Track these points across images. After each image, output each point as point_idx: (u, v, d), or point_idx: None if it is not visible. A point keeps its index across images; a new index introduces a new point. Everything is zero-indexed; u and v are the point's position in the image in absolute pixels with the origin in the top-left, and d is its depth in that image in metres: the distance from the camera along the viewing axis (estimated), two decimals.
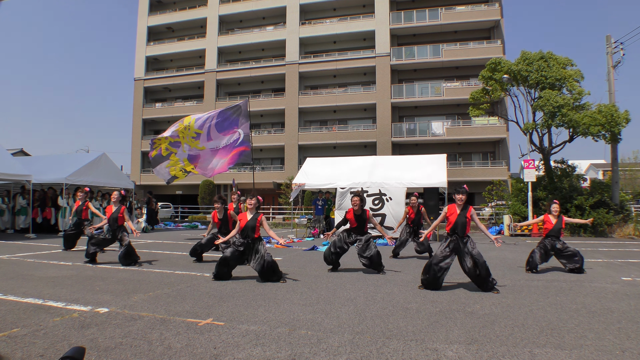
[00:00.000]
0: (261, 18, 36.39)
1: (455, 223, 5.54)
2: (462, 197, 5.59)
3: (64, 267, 7.22)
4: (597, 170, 43.80)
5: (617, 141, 15.86)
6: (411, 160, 15.11)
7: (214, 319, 3.98)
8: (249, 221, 6.14)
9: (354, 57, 32.78)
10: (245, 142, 11.22)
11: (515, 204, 17.37)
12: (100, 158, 16.54)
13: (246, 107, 11.29)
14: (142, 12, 38.30)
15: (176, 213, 29.90)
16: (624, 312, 4.38)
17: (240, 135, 11.24)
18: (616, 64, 16.89)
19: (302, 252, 10.13)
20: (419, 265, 7.79)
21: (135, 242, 11.98)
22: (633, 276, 6.64)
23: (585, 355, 3.13)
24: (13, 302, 4.64)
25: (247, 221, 6.13)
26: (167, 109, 36.96)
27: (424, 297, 5.04)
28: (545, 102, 15.56)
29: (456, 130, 30.05)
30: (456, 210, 5.60)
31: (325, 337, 3.49)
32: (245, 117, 11.25)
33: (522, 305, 4.64)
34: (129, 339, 3.38)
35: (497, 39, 30.55)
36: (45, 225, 15.49)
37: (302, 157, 29.95)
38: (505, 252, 10.15)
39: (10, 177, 13.63)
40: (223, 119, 11.17)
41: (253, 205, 6.21)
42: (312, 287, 5.65)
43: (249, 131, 11.36)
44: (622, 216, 15.84)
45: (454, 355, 3.09)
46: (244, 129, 11.25)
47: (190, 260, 8.18)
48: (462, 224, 5.53)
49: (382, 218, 13.54)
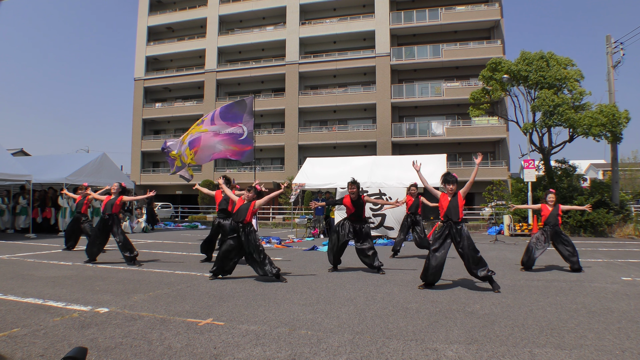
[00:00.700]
0: (261, 18, 36.38)
1: (448, 208, 5.68)
2: (452, 187, 5.76)
3: (64, 267, 7.22)
4: (597, 170, 43.81)
5: (619, 141, 15.87)
6: (411, 160, 15.09)
7: (214, 319, 3.99)
8: (243, 204, 6.30)
9: (354, 57, 32.77)
10: (249, 140, 11.16)
11: (515, 204, 17.37)
12: (100, 158, 16.56)
13: (252, 104, 11.22)
14: (142, 12, 38.29)
15: (176, 213, 29.91)
16: (624, 312, 4.38)
17: (244, 132, 11.16)
18: (616, 64, 16.89)
19: (302, 252, 10.13)
20: (419, 265, 7.79)
21: (136, 242, 11.97)
22: (633, 276, 6.64)
23: (585, 355, 3.13)
24: (13, 302, 4.64)
25: (242, 204, 6.31)
26: (167, 109, 36.96)
27: (424, 297, 5.04)
28: (542, 102, 15.58)
29: (456, 130, 30.05)
30: (447, 199, 5.77)
31: (325, 337, 3.49)
32: (250, 114, 11.14)
33: (522, 305, 4.64)
34: (129, 339, 3.38)
35: (497, 39, 30.55)
36: (45, 225, 15.50)
37: (302, 157, 29.95)
38: (505, 252, 10.15)
39: (10, 177, 13.63)
40: (227, 110, 11.18)
41: (249, 198, 6.31)
42: (312, 287, 5.65)
43: (253, 129, 11.29)
44: (622, 216, 15.85)
45: (454, 355, 3.09)
46: (248, 126, 11.17)
47: (191, 260, 8.18)
48: (455, 208, 5.67)
49: (382, 218, 13.55)
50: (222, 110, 11.16)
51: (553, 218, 7.26)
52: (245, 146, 11.18)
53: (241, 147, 11.18)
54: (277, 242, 11.99)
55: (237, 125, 11.08)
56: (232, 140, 11.14)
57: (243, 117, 11.14)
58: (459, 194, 5.75)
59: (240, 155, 11.25)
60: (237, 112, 11.16)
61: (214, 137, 11.06)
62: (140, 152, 36.77)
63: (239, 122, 11.11)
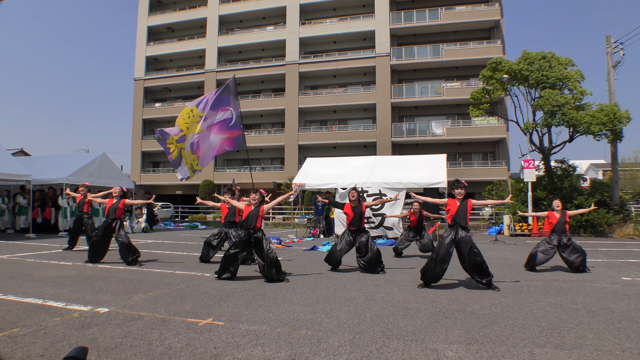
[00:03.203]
0: (261, 18, 36.39)
1: (457, 212, 5.71)
2: (462, 192, 5.77)
3: (64, 267, 7.22)
4: (597, 170, 43.76)
5: (619, 139, 15.86)
6: (411, 161, 15.12)
7: (214, 319, 3.99)
8: (252, 210, 6.24)
9: (354, 57, 32.77)
10: (238, 125, 11.09)
11: (515, 204, 17.38)
12: (100, 158, 16.56)
13: (234, 84, 11.10)
14: (142, 12, 38.29)
15: (176, 213, 29.91)
16: (624, 312, 4.38)
17: (233, 116, 11.01)
18: (616, 64, 16.90)
19: (302, 252, 10.13)
20: (419, 265, 7.79)
21: (136, 242, 11.97)
22: (633, 276, 6.64)
23: (585, 355, 3.13)
24: (13, 302, 4.64)
25: (251, 210, 6.25)
26: (167, 109, 36.94)
27: (424, 297, 5.04)
28: (545, 102, 15.57)
29: (456, 130, 30.05)
30: (456, 204, 5.77)
31: (325, 337, 3.49)
32: (234, 96, 11.03)
33: (522, 305, 4.64)
34: (129, 339, 3.38)
35: (497, 39, 30.55)
36: (46, 225, 15.49)
37: (302, 157, 29.96)
38: (505, 252, 10.15)
39: (10, 177, 13.64)
40: (215, 97, 11.06)
41: (256, 200, 6.29)
42: (312, 287, 5.65)
43: (239, 112, 11.20)
44: (622, 216, 15.85)
45: (454, 355, 3.09)
46: (235, 109, 11.02)
47: (191, 260, 8.18)
48: (463, 212, 5.71)
49: (382, 218, 13.55)
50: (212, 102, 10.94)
51: (560, 225, 7.22)
52: (236, 131, 11.03)
53: (232, 132, 11.03)
54: (277, 242, 12.00)
55: (225, 109, 10.89)
56: (223, 128, 10.97)
57: (229, 99, 10.98)
58: (469, 201, 5.78)
59: (235, 143, 11.09)
60: (224, 96, 10.99)
61: (209, 132, 10.84)
62: (140, 152, 36.77)
63: (226, 105, 10.92)
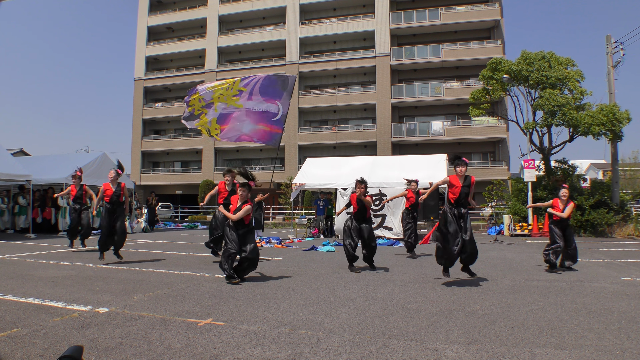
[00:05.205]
0: (261, 18, 36.39)
1: (460, 194, 5.76)
2: (463, 169, 5.80)
3: (64, 267, 7.22)
4: (597, 170, 43.76)
5: (619, 139, 15.86)
6: (411, 160, 15.12)
7: (214, 319, 3.98)
8: (236, 209, 6.09)
9: (354, 57, 32.78)
10: (281, 123, 10.14)
11: (515, 204, 17.37)
12: (100, 158, 16.55)
13: (294, 84, 10.30)
14: (142, 12, 38.30)
15: (176, 213, 29.91)
16: (624, 312, 4.38)
17: (279, 112, 10.15)
18: (616, 64, 16.90)
19: (302, 252, 10.13)
20: (419, 265, 7.80)
21: (136, 242, 11.99)
22: (633, 276, 6.64)
23: (585, 355, 3.13)
24: (13, 302, 4.64)
25: (235, 208, 6.09)
26: (167, 109, 36.96)
27: (424, 297, 5.04)
28: (545, 102, 15.58)
29: (456, 130, 30.06)
30: (459, 182, 5.78)
31: (325, 337, 3.49)
32: (289, 95, 10.20)
33: (522, 305, 4.64)
34: (129, 339, 3.38)
35: (497, 39, 30.56)
36: (45, 225, 15.49)
37: (302, 157, 29.95)
38: (505, 252, 10.15)
39: (10, 177, 13.63)
40: (268, 83, 10.15)
41: (242, 197, 6.10)
42: (312, 287, 5.65)
43: (287, 112, 10.29)
44: (622, 216, 15.84)
45: (454, 355, 3.09)
46: (284, 106, 10.14)
47: (191, 260, 8.17)
48: (465, 195, 5.79)
49: (382, 218, 13.54)
50: (263, 82, 10.11)
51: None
52: (276, 128, 10.18)
53: (272, 127, 10.17)
54: (277, 242, 11.99)
55: (274, 102, 10.04)
56: (264, 119, 10.15)
57: (282, 95, 10.13)
58: (472, 179, 5.82)
59: (269, 137, 10.25)
60: (278, 89, 10.15)
61: (246, 117, 10.06)
62: (140, 152, 36.78)
63: (277, 99, 10.08)
